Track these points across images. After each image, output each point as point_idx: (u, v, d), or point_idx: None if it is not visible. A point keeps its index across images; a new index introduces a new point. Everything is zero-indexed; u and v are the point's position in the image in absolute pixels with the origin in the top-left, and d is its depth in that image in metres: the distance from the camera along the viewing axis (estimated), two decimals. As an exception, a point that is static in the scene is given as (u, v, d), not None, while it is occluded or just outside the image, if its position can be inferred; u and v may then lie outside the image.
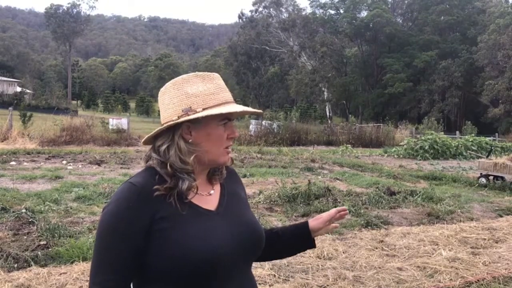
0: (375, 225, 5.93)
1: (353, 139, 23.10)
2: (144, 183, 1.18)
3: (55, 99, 44.13)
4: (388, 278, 3.97)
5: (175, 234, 1.15)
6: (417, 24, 59.06)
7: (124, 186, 1.19)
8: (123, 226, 1.14)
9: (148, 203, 1.16)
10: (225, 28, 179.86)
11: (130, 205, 1.15)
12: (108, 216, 1.16)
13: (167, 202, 1.17)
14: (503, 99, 42.69)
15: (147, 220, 1.15)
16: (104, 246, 1.16)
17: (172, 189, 1.18)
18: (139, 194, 1.16)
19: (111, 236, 1.15)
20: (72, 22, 70.12)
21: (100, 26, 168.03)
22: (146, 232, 1.15)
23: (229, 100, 1.24)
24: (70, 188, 7.39)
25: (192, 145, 1.20)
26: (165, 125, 1.21)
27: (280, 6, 53.60)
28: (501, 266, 4.40)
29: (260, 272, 3.92)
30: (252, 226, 1.29)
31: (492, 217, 6.92)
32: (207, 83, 1.23)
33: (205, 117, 1.19)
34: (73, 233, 4.82)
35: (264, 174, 10.21)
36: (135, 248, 1.15)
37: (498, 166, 10.25)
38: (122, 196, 1.17)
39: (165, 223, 1.16)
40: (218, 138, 1.23)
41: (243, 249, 1.23)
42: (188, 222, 1.18)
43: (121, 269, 1.15)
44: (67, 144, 15.22)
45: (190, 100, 1.20)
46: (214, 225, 1.21)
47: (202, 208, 1.23)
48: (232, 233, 1.22)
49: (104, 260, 1.15)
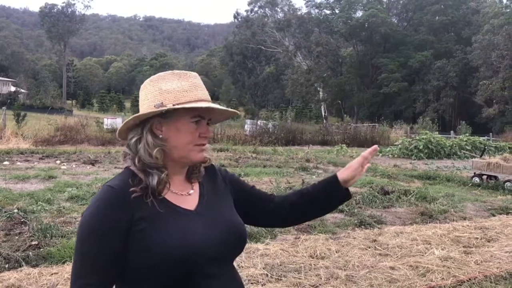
0: (369, 224, 5.94)
1: (348, 138, 23.16)
2: (122, 185, 1.19)
3: (50, 99, 44.01)
4: (380, 277, 3.98)
5: (155, 234, 1.16)
6: (412, 24, 59.26)
7: (103, 189, 1.20)
8: (103, 229, 1.15)
9: (126, 205, 1.16)
10: (221, 28, 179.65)
11: (109, 208, 1.16)
12: (87, 219, 1.17)
13: (144, 202, 1.18)
14: (497, 99, 42.91)
15: (126, 222, 1.16)
16: (85, 249, 1.16)
17: (147, 189, 1.19)
18: (117, 197, 1.17)
19: (91, 239, 1.15)
20: (67, 21, 69.85)
21: (95, 26, 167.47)
22: (126, 234, 1.16)
23: (203, 98, 1.25)
24: (63, 188, 7.35)
25: (161, 140, 1.22)
26: (131, 118, 1.23)
27: (276, 6, 53.61)
28: (493, 265, 4.42)
29: (252, 271, 3.91)
30: (232, 225, 1.28)
31: (485, 216, 6.95)
32: (182, 80, 1.25)
33: (176, 113, 1.21)
34: (65, 233, 4.79)
35: (258, 174, 10.20)
36: (115, 250, 1.15)
37: (492, 165, 10.29)
38: (101, 199, 1.18)
39: (144, 224, 1.16)
40: (187, 134, 1.23)
41: (223, 248, 1.23)
42: (167, 222, 1.19)
43: (101, 272, 1.15)
44: (61, 143, 15.16)
45: (163, 96, 1.22)
46: (193, 224, 1.22)
47: (181, 207, 1.23)
48: (211, 233, 1.22)
49: (84, 263, 1.16)
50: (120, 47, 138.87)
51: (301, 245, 4.81)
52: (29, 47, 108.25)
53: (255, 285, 3.73)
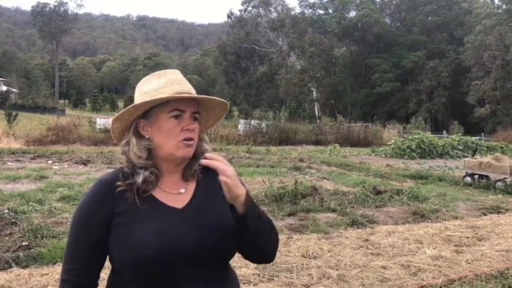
0: (361, 224, 5.96)
1: (342, 138, 23.24)
2: (111, 179, 1.26)
3: (42, 98, 43.64)
4: (372, 276, 3.99)
5: (131, 229, 1.20)
6: (405, 25, 59.53)
7: (94, 182, 1.30)
8: (84, 219, 1.24)
9: (110, 198, 1.23)
10: (214, 28, 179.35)
11: (93, 200, 1.25)
12: (75, 209, 1.28)
13: (127, 197, 1.23)
14: (489, 99, 43.20)
15: (107, 214, 1.22)
16: (70, 237, 1.26)
17: (133, 185, 1.24)
18: (102, 190, 1.25)
19: (75, 228, 1.26)
20: (59, 20, 69.29)
21: (88, 25, 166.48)
22: (106, 226, 1.22)
23: (178, 91, 1.25)
24: (55, 188, 7.30)
25: (146, 141, 1.26)
26: (115, 117, 1.29)
27: (269, 5, 53.54)
28: (483, 263, 4.45)
29: (244, 271, 3.91)
30: (219, 229, 1.24)
31: (476, 215, 7.00)
32: (160, 79, 1.28)
33: (156, 111, 1.25)
34: (56, 234, 4.76)
35: (252, 173, 10.20)
36: (94, 240, 1.22)
37: (483, 165, 10.37)
38: (89, 191, 1.28)
39: (123, 218, 1.22)
40: (169, 131, 1.24)
41: (204, 250, 1.21)
42: (146, 219, 1.21)
43: (83, 259, 1.23)
44: (53, 143, 15.07)
45: (142, 97, 1.27)
46: (174, 223, 1.22)
47: (167, 205, 1.25)
48: (193, 233, 1.21)
49: (69, 250, 1.26)
50: (113, 47, 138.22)
51: (293, 244, 4.81)
52: (21, 46, 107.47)
53: (247, 285, 3.73)
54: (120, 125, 1.29)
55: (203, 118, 1.36)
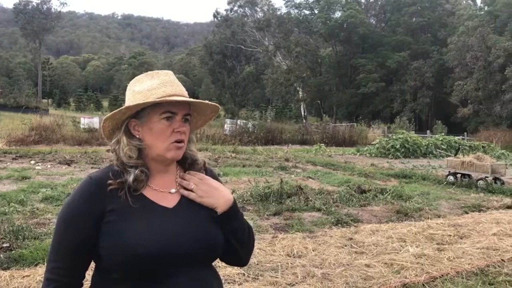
0: (345, 222, 6.01)
1: (327, 138, 23.36)
2: (101, 177, 1.25)
3: (25, 98, 42.93)
4: (356, 275, 4.03)
5: (122, 227, 1.20)
6: (390, 25, 60.10)
7: (83, 179, 1.28)
8: (73, 217, 1.22)
9: (101, 196, 1.22)
10: (200, 27, 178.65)
11: (83, 197, 1.23)
12: (63, 207, 1.26)
13: (119, 196, 1.23)
14: (472, 100, 43.88)
15: (98, 212, 1.21)
16: (56, 235, 1.24)
17: (124, 184, 1.24)
18: (93, 187, 1.23)
19: (62, 226, 1.24)
20: (42, 18, 68.16)
21: (71, 23, 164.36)
22: (96, 224, 1.21)
23: (171, 93, 1.26)
24: (37, 189, 7.20)
25: (136, 141, 1.27)
26: (103, 119, 1.30)
27: (255, 5, 53.63)
28: (465, 261, 4.52)
29: (229, 271, 3.91)
30: (207, 229, 1.27)
31: (458, 213, 7.11)
32: (153, 80, 1.29)
33: (147, 112, 1.25)
34: (38, 235, 4.69)
35: (238, 173, 10.20)
36: (83, 238, 1.21)
37: (465, 164, 10.53)
38: (78, 189, 1.26)
39: (113, 216, 1.21)
40: (160, 133, 1.25)
41: (191, 249, 1.22)
42: (137, 217, 1.22)
43: (68, 258, 1.22)
44: (36, 143, 14.84)
45: (135, 98, 1.27)
46: (163, 222, 1.23)
47: (157, 204, 1.26)
48: (182, 233, 1.23)
49: (55, 249, 1.24)
50: (97, 46, 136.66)
51: (278, 244, 4.83)
52: (2, 45, 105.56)
53: (231, 284, 3.73)
54: (111, 123, 1.30)
55: (195, 118, 1.38)
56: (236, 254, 1.35)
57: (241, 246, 1.34)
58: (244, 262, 1.40)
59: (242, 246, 1.34)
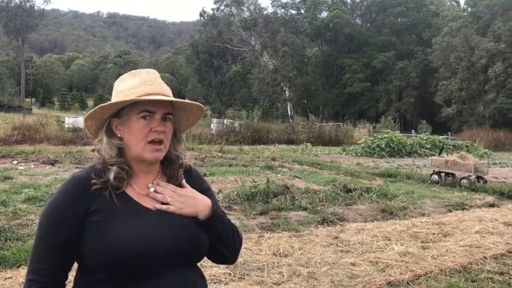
0: (331, 221, 6.04)
1: (313, 137, 23.47)
2: (84, 176, 1.25)
3: (7, 97, 42.14)
4: (341, 273, 4.05)
5: (108, 227, 1.19)
6: (376, 26, 60.62)
7: (67, 179, 1.27)
8: (57, 216, 1.21)
9: (85, 196, 1.21)
10: (187, 26, 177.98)
11: (67, 197, 1.22)
12: (46, 207, 1.24)
13: (103, 195, 1.22)
14: (455, 99, 44.52)
15: (82, 211, 1.20)
16: (39, 235, 1.23)
17: (107, 183, 1.23)
18: (77, 187, 1.23)
19: (46, 225, 1.22)
20: (25, 16, 66.98)
21: (55, 22, 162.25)
22: (81, 224, 1.20)
23: (150, 92, 1.25)
24: (19, 189, 7.07)
25: (117, 140, 1.27)
26: (85, 117, 1.30)
27: (242, 5, 53.55)
28: (448, 259, 4.59)
29: (215, 271, 3.90)
30: (187, 231, 1.26)
31: (442, 212, 7.20)
32: (134, 79, 1.28)
33: (127, 111, 1.26)
34: (21, 236, 4.62)
35: (224, 173, 10.18)
36: (67, 238, 1.20)
37: (449, 163, 10.68)
38: (62, 188, 1.25)
39: (98, 216, 1.20)
40: (137, 132, 1.25)
41: (176, 250, 1.22)
42: (123, 217, 1.21)
43: (52, 258, 1.20)
44: (18, 143, 14.60)
45: (117, 96, 1.28)
46: (148, 223, 1.23)
47: (142, 205, 1.26)
48: (166, 233, 1.23)
49: (38, 249, 1.22)
50: (82, 44, 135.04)
51: (264, 243, 4.83)
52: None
53: (217, 284, 3.72)
54: (95, 123, 1.30)
55: (183, 117, 1.37)
56: (223, 254, 1.37)
57: (227, 247, 1.35)
58: (231, 261, 1.42)
59: (228, 247, 1.35)
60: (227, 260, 1.40)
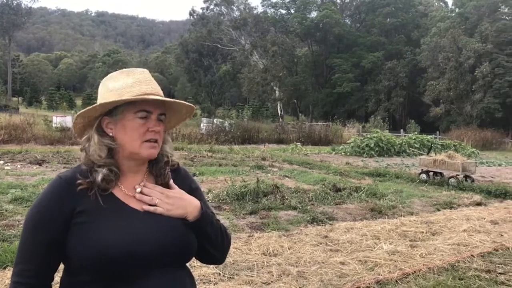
0: (321, 221, 6.06)
1: (303, 137, 23.53)
2: (70, 177, 1.22)
3: (-6, 96, 41.62)
4: (330, 272, 4.06)
5: (93, 228, 1.17)
6: (365, 26, 60.99)
7: (53, 179, 1.25)
8: (43, 216, 1.19)
9: (70, 196, 1.20)
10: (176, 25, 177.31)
11: (52, 198, 1.20)
12: (32, 207, 1.23)
13: (89, 196, 1.20)
14: (444, 99, 45.01)
15: (67, 212, 1.19)
16: (24, 236, 1.21)
17: (93, 183, 1.21)
18: (62, 188, 1.21)
19: (31, 226, 1.20)
20: (11, 14, 66.09)
21: (43, 20, 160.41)
22: (66, 224, 1.18)
23: (147, 92, 1.24)
24: (6, 190, 6.98)
25: (109, 139, 1.24)
26: (76, 115, 1.27)
27: (232, 4, 53.50)
28: (436, 257, 4.62)
29: (204, 271, 3.88)
30: (175, 232, 1.25)
31: (431, 211, 7.27)
32: (128, 77, 1.26)
33: (121, 110, 1.23)
34: (7, 237, 4.55)
35: (214, 172, 10.15)
36: (53, 238, 1.18)
37: (437, 162, 10.77)
38: (48, 188, 1.23)
39: (84, 217, 1.19)
40: (133, 131, 1.23)
41: (163, 251, 1.21)
42: (109, 218, 1.20)
43: (38, 259, 1.19)
44: (5, 143, 14.42)
45: (108, 95, 1.25)
46: (135, 224, 1.21)
47: (129, 206, 1.24)
48: (153, 234, 1.21)
49: (23, 250, 1.21)
50: (70, 43, 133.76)
51: (254, 242, 4.82)
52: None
53: (207, 284, 3.71)
54: (83, 120, 1.27)
55: (167, 117, 1.35)
56: (211, 254, 1.36)
57: (215, 248, 1.35)
58: (220, 261, 1.41)
59: (216, 247, 1.35)
60: (216, 260, 1.40)
